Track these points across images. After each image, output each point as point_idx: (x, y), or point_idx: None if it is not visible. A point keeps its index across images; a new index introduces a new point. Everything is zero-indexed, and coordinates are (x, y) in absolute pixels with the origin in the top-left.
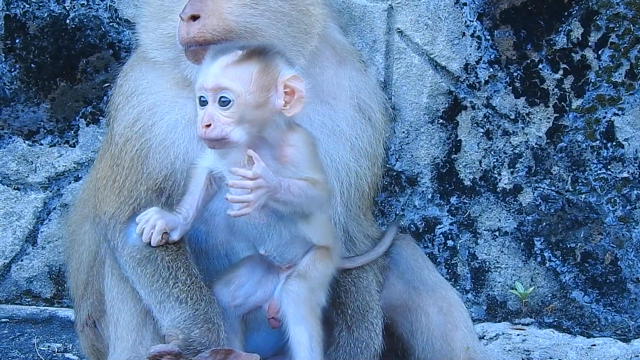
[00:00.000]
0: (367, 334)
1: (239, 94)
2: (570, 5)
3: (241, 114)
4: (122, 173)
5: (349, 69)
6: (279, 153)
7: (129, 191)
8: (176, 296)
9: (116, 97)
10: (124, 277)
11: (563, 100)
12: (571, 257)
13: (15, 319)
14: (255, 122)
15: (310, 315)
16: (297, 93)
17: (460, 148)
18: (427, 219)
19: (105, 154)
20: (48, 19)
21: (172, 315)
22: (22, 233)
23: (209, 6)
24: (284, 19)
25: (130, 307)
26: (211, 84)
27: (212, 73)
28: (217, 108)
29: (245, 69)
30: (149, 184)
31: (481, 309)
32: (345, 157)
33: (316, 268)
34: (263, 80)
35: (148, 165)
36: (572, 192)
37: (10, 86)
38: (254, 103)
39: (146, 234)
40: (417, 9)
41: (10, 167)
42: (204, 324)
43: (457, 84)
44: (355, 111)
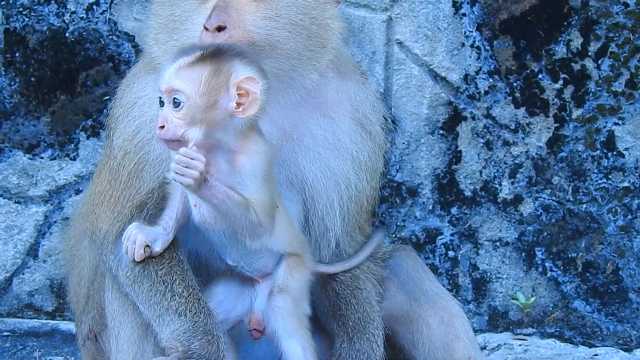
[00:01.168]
0: (369, 345)
1: (189, 95)
2: (569, 15)
3: (192, 115)
4: (119, 188)
5: (350, 82)
6: (233, 160)
7: (122, 207)
8: (174, 309)
9: (116, 110)
10: (124, 292)
11: (563, 110)
12: (572, 267)
13: (17, 332)
14: (208, 124)
15: (299, 327)
16: (251, 94)
17: (461, 159)
18: (428, 229)
19: (104, 167)
20: (48, 32)
21: (171, 328)
22: (23, 246)
23: (234, 18)
24: (303, 32)
25: (130, 320)
26: (165, 85)
27: (167, 75)
28: (171, 109)
29: (197, 70)
30: (138, 199)
31: (483, 319)
32: (345, 170)
33: (294, 278)
34: (213, 82)
35: (143, 181)
36: (573, 202)
37: (11, 100)
38: (204, 105)
39: (130, 251)
40: (417, 20)
41: (11, 180)
42: (203, 335)
43: (457, 95)
44: (356, 124)
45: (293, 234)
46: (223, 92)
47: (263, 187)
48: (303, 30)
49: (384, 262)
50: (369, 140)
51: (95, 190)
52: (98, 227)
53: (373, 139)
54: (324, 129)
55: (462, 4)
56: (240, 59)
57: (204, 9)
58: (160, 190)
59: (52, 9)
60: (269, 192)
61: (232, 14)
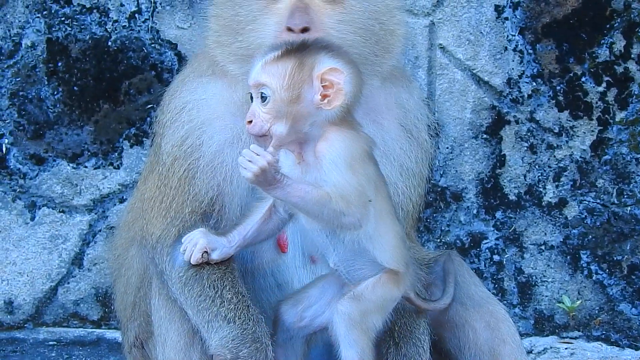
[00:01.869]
0: (415, 350)
1: (274, 89)
2: (612, 18)
3: (277, 109)
4: (170, 194)
5: (398, 88)
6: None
7: (175, 213)
8: (223, 315)
9: (163, 115)
10: (172, 298)
11: (607, 112)
12: (618, 269)
13: (62, 341)
14: (294, 118)
15: (361, 339)
16: (336, 86)
17: (505, 163)
18: (473, 234)
19: (151, 174)
20: (90, 41)
21: (219, 335)
22: (68, 256)
23: (314, 19)
24: (372, 37)
25: (177, 327)
26: (252, 80)
27: (255, 70)
28: (258, 104)
29: (282, 65)
30: (194, 206)
31: (529, 323)
32: (394, 177)
33: (374, 291)
34: (297, 75)
35: (194, 187)
36: (618, 205)
37: (54, 109)
38: (288, 98)
39: (188, 253)
40: (459, 25)
41: (55, 190)
42: (252, 343)
43: (500, 99)
44: (404, 131)
45: (400, 249)
46: (307, 84)
47: (346, 176)
48: (372, 35)
49: (428, 269)
50: (416, 147)
51: (143, 196)
52: (149, 231)
53: (420, 145)
54: (373, 136)
55: (504, 8)
56: (325, 51)
57: (275, 10)
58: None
59: (95, 18)
60: (356, 181)
61: (313, 16)
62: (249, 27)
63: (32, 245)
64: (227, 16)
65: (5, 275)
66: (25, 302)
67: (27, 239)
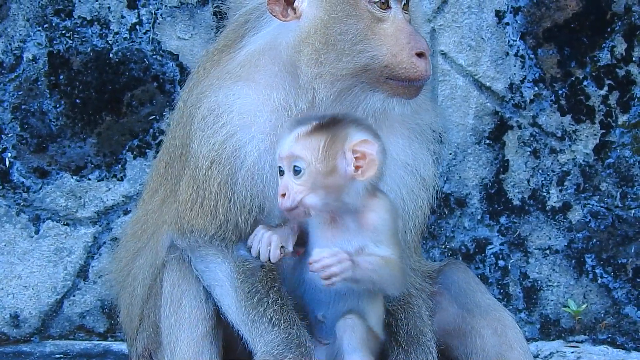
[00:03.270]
0: (424, 356)
1: (308, 162)
2: (612, 21)
3: (313, 182)
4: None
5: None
6: (361, 219)
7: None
8: (269, 317)
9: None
10: (185, 304)
11: (609, 116)
12: (623, 272)
13: (69, 354)
14: (329, 189)
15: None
16: (368, 156)
17: (508, 168)
18: (478, 239)
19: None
20: (91, 53)
21: (265, 339)
22: (73, 268)
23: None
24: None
25: (187, 336)
26: (285, 153)
27: (287, 143)
28: (291, 177)
29: (315, 138)
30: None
31: (535, 328)
32: (408, 187)
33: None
34: (331, 148)
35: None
36: (622, 208)
37: (56, 122)
38: (324, 170)
39: (264, 254)
40: (460, 31)
41: (59, 202)
42: (297, 348)
43: (502, 104)
44: (420, 141)
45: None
46: (340, 156)
47: (394, 242)
48: None
49: (432, 279)
50: (430, 157)
51: (178, 199)
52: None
53: (431, 155)
54: (395, 146)
55: (505, 14)
56: (355, 124)
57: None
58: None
59: (95, 31)
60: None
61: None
62: (357, 47)
63: (37, 258)
64: (331, 34)
65: (10, 289)
66: (31, 316)
67: (32, 252)
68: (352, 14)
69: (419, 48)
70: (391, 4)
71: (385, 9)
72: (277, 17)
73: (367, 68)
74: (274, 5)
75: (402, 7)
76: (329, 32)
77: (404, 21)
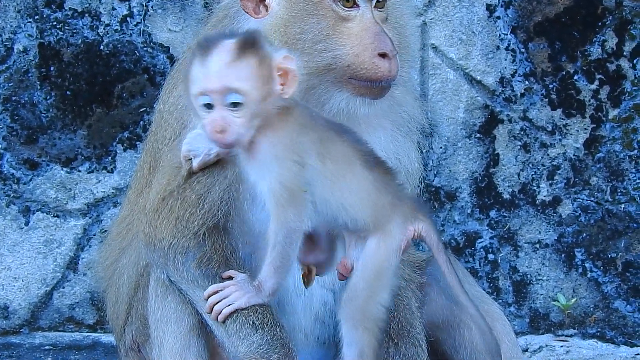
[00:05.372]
0: (414, 350)
1: (246, 92)
2: (603, 16)
3: (252, 112)
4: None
5: (396, 89)
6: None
7: (187, 223)
8: (251, 323)
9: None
10: (170, 300)
11: (599, 110)
12: (612, 267)
13: (58, 346)
14: (261, 116)
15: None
16: (291, 73)
17: (498, 162)
18: (468, 233)
19: (150, 183)
20: (82, 45)
21: (248, 342)
22: (63, 260)
23: (393, 45)
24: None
25: (173, 330)
26: (217, 85)
27: (214, 74)
28: (226, 110)
29: (244, 64)
30: (206, 219)
31: (524, 321)
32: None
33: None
34: (263, 72)
35: (208, 202)
36: (612, 202)
37: (47, 114)
38: (261, 98)
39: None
40: (451, 24)
41: (49, 194)
42: (281, 348)
43: (493, 98)
44: (400, 130)
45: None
46: (271, 78)
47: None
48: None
49: (421, 270)
50: (412, 146)
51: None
52: (157, 237)
53: (415, 144)
54: (378, 139)
55: (496, 7)
56: (267, 41)
57: (344, 29)
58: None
59: (86, 22)
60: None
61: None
62: (319, 45)
63: (26, 250)
64: (292, 33)
65: (0, 280)
66: (20, 307)
67: (22, 243)
68: (314, 13)
69: (382, 49)
70: (359, 3)
71: (352, 7)
72: (249, 14)
73: (330, 67)
74: (246, 1)
75: (373, 6)
76: (289, 31)
77: (372, 20)
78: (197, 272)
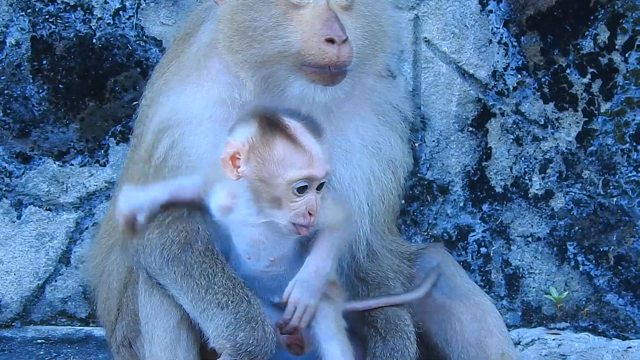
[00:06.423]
0: (402, 342)
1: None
2: (596, 9)
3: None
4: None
5: (373, 80)
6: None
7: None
8: (217, 302)
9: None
10: (156, 293)
11: (592, 104)
12: (604, 260)
13: (50, 339)
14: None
15: (338, 331)
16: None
17: (491, 155)
18: (460, 227)
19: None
20: (74, 39)
21: (214, 324)
22: (55, 254)
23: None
24: (373, 39)
25: (163, 324)
26: (323, 172)
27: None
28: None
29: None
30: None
31: (516, 314)
32: (374, 169)
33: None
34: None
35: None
36: (604, 196)
37: (39, 107)
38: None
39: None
40: (444, 18)
41: (41, 188)
42: (246, 324)
43: (485, 92)
44: (385, 122)
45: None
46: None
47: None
48: (373, 37)
49: (411, 262)
50: (398, 138)
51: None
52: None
53: (402, 136)
54: (356, 128)
55: (488, 1)
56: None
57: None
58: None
59: (79, 16)
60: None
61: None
62: (269, 33)
63: (18, 243)
64: (241, 21)
65: None
66: (12, 301)
67: (14, 237)
68: (265, 1)
69: (329, 34)
70: None
71: None
72: (215, 2)
73: (283, 55)
74: None
75: None
76: (239, 18)
77: (325, 7)
78: (161, 260)
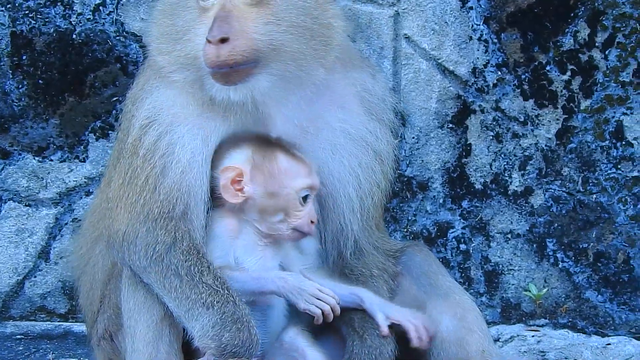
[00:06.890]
0: (379, 340)
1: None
2: (576, 6)
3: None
4: (137, 192)
5: (360, 75)
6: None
7: (142, 208)
8: (202, 302)
9: (132, 119)
10: (140, 288)
11: (572, 101)
12: (584, 257)
13: (30, 335)
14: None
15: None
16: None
17: (471, 152)
18: (440, 223)
19: (116, 173)
20: (54, 34)
21: (200, 323)
22: (35, 249)
23: (235, 28)
24: (306, 33)
25: (146, 319)
26: (318, 182)
27: (314, 173)
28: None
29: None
30: (163, 206)
31: (495, 311)
32: (363, 161)
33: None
34: None
35: (165, 188)
36: (583, 193)
37: (19, 103)
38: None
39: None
40: (424, 15)
41: (20, 183)
42: (232, 325)
43: (465, 88)
44: (371, 115)
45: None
46: None
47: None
48: (305, 31)
49: (395, 259)
50: (386, 131)
51: (108, 196)
52: (114, 229)
53: (389, 129)
54: (341, 121)
55: None
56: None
57: (205, 19)
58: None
59: (59, 11)
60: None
61: (234, 24)
62: (185, 37)
63: None
64: (166, 24)
65: None
66: None
67: None
68: (182, 6)
69: (208, 35)
70: None
71: None
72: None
73: (196, 57)
74: None
75: None
76: (163, 22)
77: (219, 8)
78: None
